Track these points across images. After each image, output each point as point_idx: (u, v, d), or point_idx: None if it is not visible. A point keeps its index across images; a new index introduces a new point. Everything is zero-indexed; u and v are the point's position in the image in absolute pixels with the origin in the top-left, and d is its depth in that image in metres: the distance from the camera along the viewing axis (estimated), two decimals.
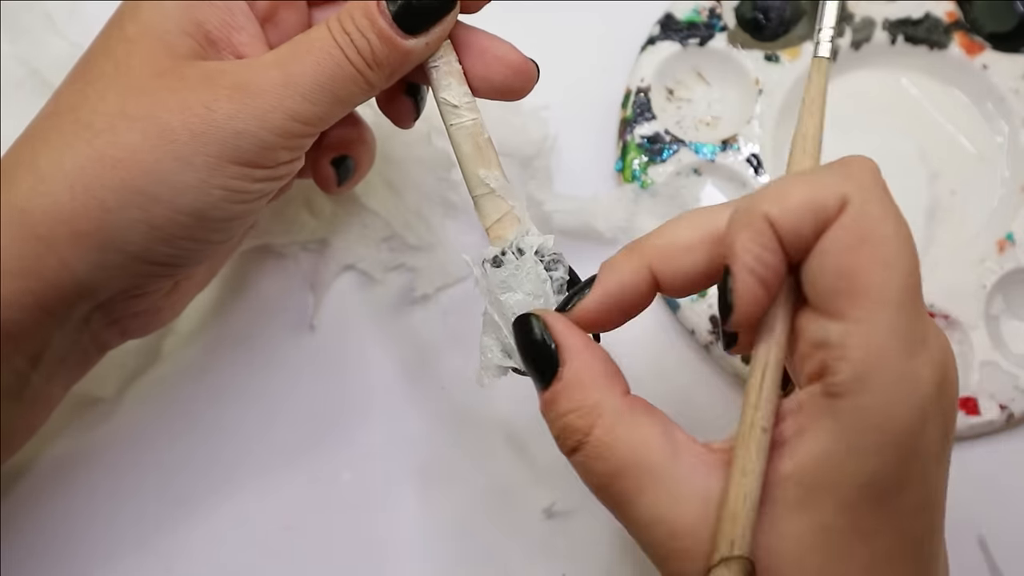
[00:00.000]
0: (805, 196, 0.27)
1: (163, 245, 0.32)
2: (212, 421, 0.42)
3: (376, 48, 0.33)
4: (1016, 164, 0.46)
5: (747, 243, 0.27)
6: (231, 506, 0.41)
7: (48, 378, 0.35)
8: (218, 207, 0.32)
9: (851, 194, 0.27)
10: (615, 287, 0.31)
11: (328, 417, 0.43)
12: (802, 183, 0.27)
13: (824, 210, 0.27)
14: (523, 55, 0.35)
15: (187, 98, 0.32)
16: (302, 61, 0.32)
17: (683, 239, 0.30)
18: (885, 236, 0.27)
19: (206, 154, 0.31)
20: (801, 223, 0.27)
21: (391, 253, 0.44)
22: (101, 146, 0.31)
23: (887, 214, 0.27)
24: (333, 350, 0.44)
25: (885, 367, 0.26)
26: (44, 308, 0.32)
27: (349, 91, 0.33)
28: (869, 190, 0.27)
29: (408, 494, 0.42)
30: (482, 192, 0.34)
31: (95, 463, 0.42)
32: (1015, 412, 0.42)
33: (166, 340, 0.43)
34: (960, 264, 0.44)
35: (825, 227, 0.27)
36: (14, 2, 0.47)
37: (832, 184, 0.27)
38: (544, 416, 0.31)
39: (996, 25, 0.47)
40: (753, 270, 0.27)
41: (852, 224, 0.27)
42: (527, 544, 0.41)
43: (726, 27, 0.47)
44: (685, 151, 0.45)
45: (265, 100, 0.32)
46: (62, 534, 0.41)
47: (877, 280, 0.26)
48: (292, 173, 0.35)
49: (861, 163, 0.28)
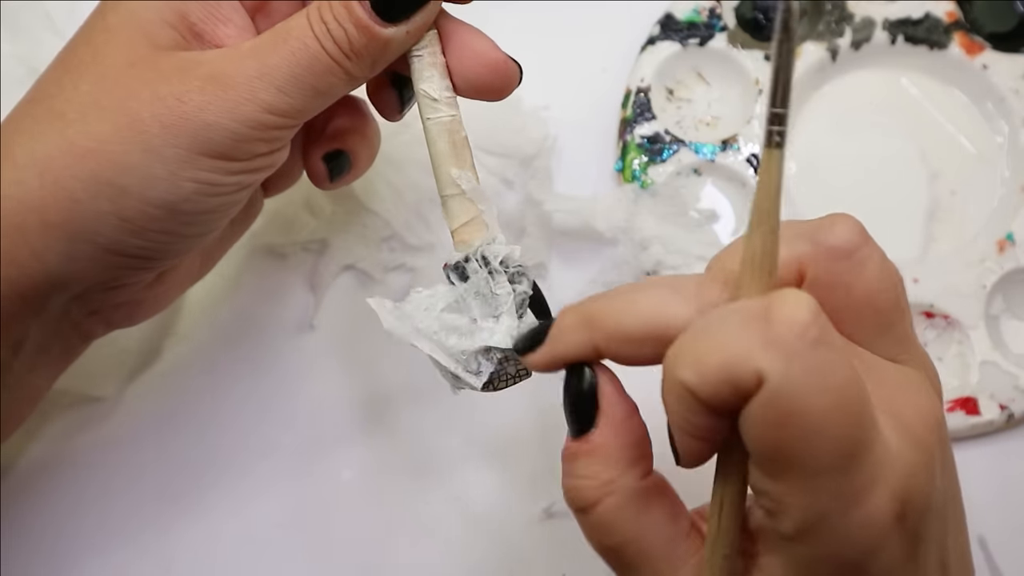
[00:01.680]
0: (720, 367, 0.25)
1: (134, 237, 0.32)
2: (211, 420, 0.42)
3: (353, 37, 0.32)
4: (1016, 164, 0.46)
5: (674, 406, 0.26)
6: (230, 505, 0.41)
7: (30, 368, 0.35)
8: (190, 200, 0.32)
9: (767, 369, 0.24)
10: (560, 354, 0.30)
11: (327, 416, 0.43)
12: (717, 349, 0.25)
13: (741, 384, 0.24)
14: (504, 54, 0.34)
15: (159, 89, 0.31)
16: (278, 51, 0.32)
17: (632, 329, 0.28)
18: (808, 408, 0.24)
19: (176, 146, 0.31)
20: (719, 393, 0.25)
21: (391, 253, 0.44)
22: (72, 136, 0.31)
23: (811, 378, 0.24)
24: (333, 350, 0.44)
25: (826, 524, 0.25)
26: (20, 296, 0.32)
27: (327, 82, 0.32)
28: (790, 356, 0.24)
29: (407, 493, 0.42)
30: (452, 192, 0.33)
31: (94, 462, 0.42)
32: (1015, 412, 0.42)
33: (166, 340, 0.43)
34: (960, 264, 0.44)
35: (746, 398, 0.25)
36: (14, 2, 0.47)
37: (748, 354, 0.24)
38: (561, 461, 0.30)
39: (996, 25, 0.47)
40: (686, 430, 0.26)
41: (770, 404, 0.24)
42: (527, 544, 0.41)
43: (726, 27, 0.47)
44: (685, 151, 0.45)
45: (238, 92, 0.31)
46: (61, 533, 0.41)
47: (803, 453, 0.25)
48: (273, 165, 0.34)
49: (789, 309, 0.25)
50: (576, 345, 0.30)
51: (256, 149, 0.32)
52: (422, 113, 0.33)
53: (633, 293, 0.29)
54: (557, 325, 0.30)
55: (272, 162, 0.34)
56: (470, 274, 0.33)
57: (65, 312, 0.34)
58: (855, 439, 0.25)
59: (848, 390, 0.25)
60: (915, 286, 0.43)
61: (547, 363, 0.31)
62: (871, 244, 0.29)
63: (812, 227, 0.29)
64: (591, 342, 0.29)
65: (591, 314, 0.29)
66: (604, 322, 0.29)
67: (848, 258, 0.28)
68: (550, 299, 0.44)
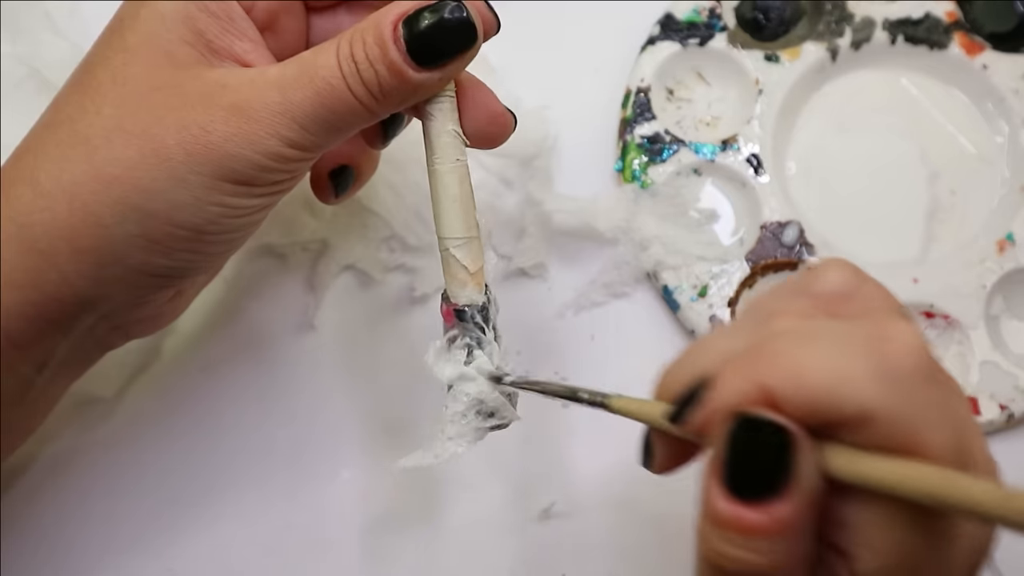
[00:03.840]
0: (824, 388, 0.23)
1: (162, 258, 0.32)
2: (212, 420, 0.42)
3: (384, 80, 0.31)
4: (1016, 164, 0.46)
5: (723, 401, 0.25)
6: (230, 504, 0.41)
7: (51, 381, 0.35)
8: (215, 222, 0.32)
9: (878, 404, 0.23)
10: (724, 404, 0.25)
11: (328, 416, 0.43)
12: (826, 368, 0.24)
13: (842, 414, 0.23)
14: (503, 105, 0.34)
15: (184, 117, 0.31)
16: (303, 89, 0.31)
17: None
18: (926, 443, 0.23)
19: (201, 173, 0.31)
20: (811, 413, 0.24)
21: (391, 253, 0.44)
22: (99, 162, 0.31)
23: (928, 412, 0.24)
24: (333, 350, 0.44)
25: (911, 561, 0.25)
26: (47, 319, 0.32)
27: (348, 122, 0.32)
28: (905, 392, 0.23)
29: (407, 493, 0.42)
30: (474, 235, 0.33)
31: (95, 462, 0.42)
32: (1015, 412, 0.42)
33: (166, 340, 0.43)
34: (960, 264, 0.44)
35: (836, 424, 0.24)
36: (14, 2, 0.47)
37: (858, 383, 0.23)
38: (709, 522, 0.25)
39: (996, 25, 0.47)
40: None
41: (885, 438, 0.23)
42: (527, 544, 0.41)
43: (726, 27, 0.47)
44: (685, 151, 0.45)
45: (260, 126, 0.31)
46: (62, 533, 0.41)
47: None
48: (292, 187, 0.34)
49: (904, 335, 0.24)
50: (740, 391, 0.25)
51: (276, 177, 0.33)
52: (444, 156, 0.33)
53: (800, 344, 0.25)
54: (713, 374, 0.26)
55: (292, 185, 0.34)
56: (491, 316, 0.34)
57: (90, 329, 0.34)
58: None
59: (963, 425, 0.25)
60: (915, 286, 0.43)
61: (707, 422, 0.26)
62: (869, 281, 0.28)
63: (805, 280, 0.28)
64: (759, 384, 0.25)
65: (756, 369, 0.25)
66: (773, 371, 0.25)
67: (850, 300, 0.27)
68: (550, 299, 0.44)
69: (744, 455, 0.24)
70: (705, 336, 0.29)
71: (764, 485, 0.24)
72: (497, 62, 0.46)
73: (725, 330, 0.28)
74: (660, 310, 0.44)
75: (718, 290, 0.43)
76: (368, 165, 0.39)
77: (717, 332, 0.28)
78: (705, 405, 0.25)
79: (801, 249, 0.44)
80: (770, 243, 0.44)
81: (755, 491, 0.24)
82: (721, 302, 0.43)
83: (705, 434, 0.25)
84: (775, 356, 0.24)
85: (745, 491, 0.24)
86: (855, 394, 0.23)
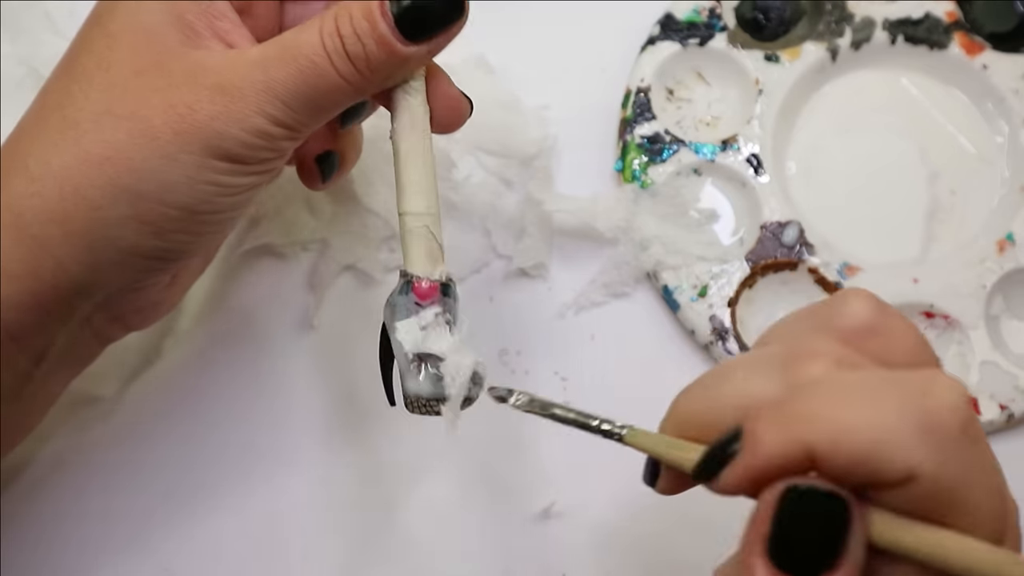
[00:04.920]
0: (867, 447, 0.22)
1: (155, 239, 0.32)
2: (212, 420, 0.42)
3: (371, 54, 0.31)
4: (1016, 164, 0.46)
5: (757, 455, 0.24)
6: (230, 504, 0.41)
7: (49, 374, 0.35)
8: (207, 201, 0.32)
9: (921, 465, 0.22)
10: (763, 466, 0.24)
11: (327, 416, 0.43)
12: (868, 426, 0.23)
13: (884, 473, 0.23)
14: (460, 91, 0.34)
15: (170, 97, 0.31)
16: (286, 67, 0.31)
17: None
18: (967, 504, 0.23)
19: (190, 152, 0.31)
20: (851, 472, 0.23)
21: (391, 253, 0.44)
22: (88, 145, 0.31)
23: (971, 475, 0.23)
24: (333, 350, 0.44)
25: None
26: (44, 308, 0.32)
27: (332, 100, 0.32)
28: (950, 452, 0.23)
29: (408, 492, 0.42)
30: (436, 211, 0.34)
31: (95, 461, 0.42)
32: (1015, 412, 0.42)
33: (166, 339, 0.43)
34: (960, 264, 0.44)
35: (880, 483, 0.23)
36: (14, 2, 0.47)
37: (902, 443, 0.22)
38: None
39: (996, 25, 0.47)
40: (739, 477, 0.24)
41: (928, 499, 0.23)
42: (527, 544, 0.41)
43: (726, 27, 0.47)
44: (685, 151, 0.45)
45: (245, 104, 0.31)
46: (61, 532, 0.41)
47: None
48: (281, 166, 0.34)
49: (947, 394, 0.23)
50: (781, 453, 0.24)
51: (264, 155, 0.33)
52: (420, 134, 0.33)
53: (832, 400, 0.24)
54: (748, 428, 0.24)
55: (281, 164, 0.34)
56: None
57: (87, 319, 0.34)
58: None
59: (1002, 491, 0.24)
60: (915, 286, 0.43)
61: (744, 483, 0.24)
62: (892, 315, 0.27)
63: (828, 313, 0.27)
64: (802, 444, 0.23)
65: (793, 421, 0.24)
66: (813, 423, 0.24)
67: (875, 335, 0.26)
68: (550, 299, 0.44)
69: (795, 529, 0.23)
70: (725, 367, 0.27)
71: (816, 562, 0.23)
72: (497, 62, 0.46)
73: (747, 365, 0.27)
74: (660, 310, 0.44)
75: (718, 290, 0.43)
76: (351, 150, 0.39)
77: (738, 365, 0.27)
78: (742, 465, 0.24)
79: (801, 249, 0.44)
80: (770, 243, 0.44)
81: (806, 568, 0.23)
82: (721, 302, 0.43)
83: (739, 493, 0.24)
84: (814, 411, 0.23)
85: (795, 568, 0.23)
86: (901, 453, 0.23)
